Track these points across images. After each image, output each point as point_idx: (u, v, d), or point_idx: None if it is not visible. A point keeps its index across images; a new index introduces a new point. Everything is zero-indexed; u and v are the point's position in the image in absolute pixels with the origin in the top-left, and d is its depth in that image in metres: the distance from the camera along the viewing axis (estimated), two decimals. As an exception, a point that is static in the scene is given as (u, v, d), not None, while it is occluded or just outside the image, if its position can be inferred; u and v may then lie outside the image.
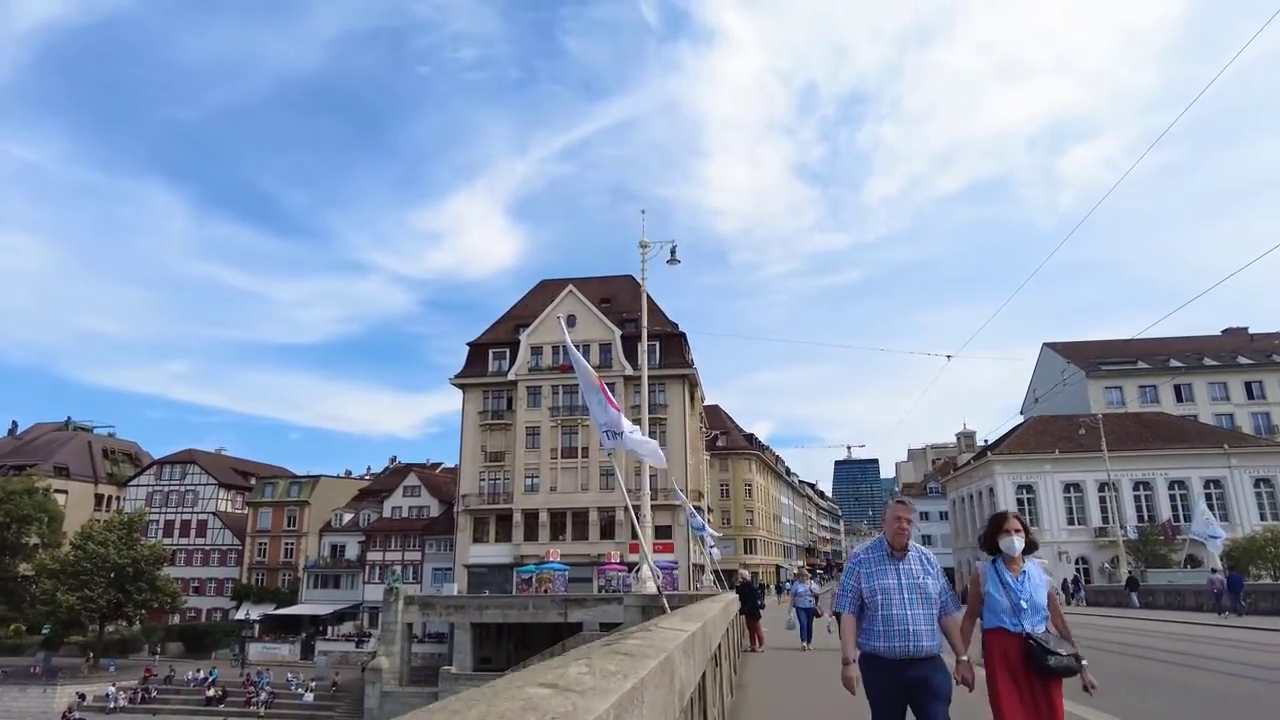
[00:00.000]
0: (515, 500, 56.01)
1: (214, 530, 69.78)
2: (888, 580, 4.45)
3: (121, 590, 50.23)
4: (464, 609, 44.19)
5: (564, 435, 57.08)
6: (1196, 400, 62.55)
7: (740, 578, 18.79)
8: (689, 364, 58.63)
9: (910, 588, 4.42)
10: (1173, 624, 24.84)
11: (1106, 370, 63.82)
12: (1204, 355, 64.30)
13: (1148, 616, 29.67)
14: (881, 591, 4.43)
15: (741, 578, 18.63)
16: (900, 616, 4.35)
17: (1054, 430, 55.45)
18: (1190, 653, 15.08)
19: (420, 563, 62.13)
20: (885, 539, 4.62)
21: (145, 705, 44.65)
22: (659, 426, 56.75)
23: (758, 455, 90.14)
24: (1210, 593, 30.48)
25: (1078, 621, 26.46)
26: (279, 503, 68.11)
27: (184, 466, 72.80)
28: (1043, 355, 72.55)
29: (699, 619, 4.24)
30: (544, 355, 58.63)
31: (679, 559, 53.50)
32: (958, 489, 64.42)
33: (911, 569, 4.49)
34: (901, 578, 4.45)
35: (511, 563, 54.06)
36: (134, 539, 52.85)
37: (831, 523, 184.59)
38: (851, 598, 4.58)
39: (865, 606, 4.50)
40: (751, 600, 17.26)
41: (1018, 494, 53.10)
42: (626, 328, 58.71)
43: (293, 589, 64.52)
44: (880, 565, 4.53)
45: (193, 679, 47.45)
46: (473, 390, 58.78)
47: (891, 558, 4.54)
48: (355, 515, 66.57)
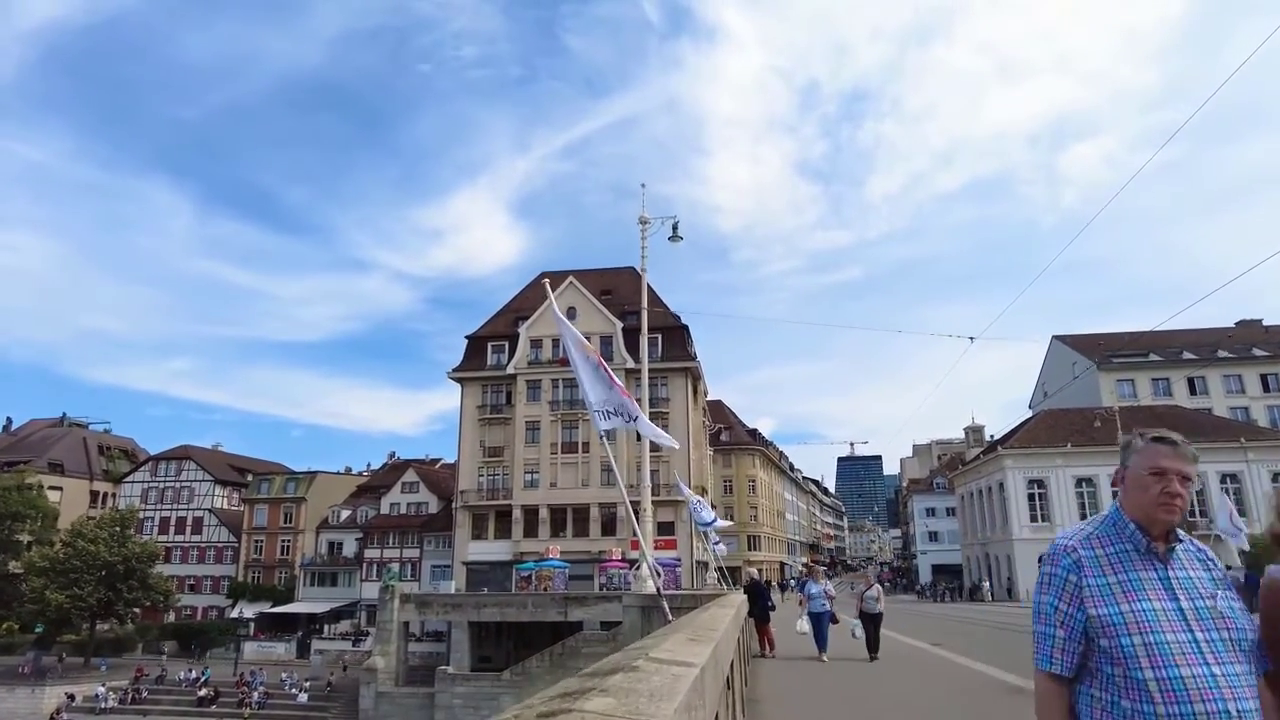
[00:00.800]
0: (515, 496, 54.90)
1: (210, 527, 68.76)
2: (1153, 601, 2.06)
3: (112, 589, 49.16)
4: (461, 607, 43.09)
5: (564, 430, 55.94)
6: (1211, 393, 61.21)
7: (748, 576, 17.67)
8: (691, 357, 57.45)
9: (1204, 616, 2.05)
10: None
11: (1118, 363, 62.49)
12: (1218, 348, 62.92)
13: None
14: (1143, 625, 2.03)
15: (749, 576, 17.50)
16: (1195, 680, 1.95)
17: (1065, 424, 54.27)
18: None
19: (419, 560, 61.08)
20: (1131, 519, 2.21)
21: (135, 706, 43.59)
22: (661, 420, 55.56)
23: (761, 450, 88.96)
24: None
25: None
26: (275, 499, 67.04)
27: (179, 463, 71.77)
28: (1052, 348, 71.26)
29: (708, 640, 3.04)
30: (544, 348, 57.47)
31: (682, 556, 52.32)
32: (966, 484, 63.19)
33: (1192, 578, 2.13)
34: (1179, 596, 2.08)
35: (511, 560, 52.96)
36: (125, 536, 51.76)
37: (835, 520, 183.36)
38: (1064, 641, 2.13)
39: (1103, 660, 2.07)
40: (761, 602, 16.17)
41: (1029, 489, 51.94)
42: (628, 320, 57.50)
43: (289, 587, 63.48)
44: (1130, 570, 2.13)
45: (185, 679, 46.39)
46: (471, 384, 57.64)
47: (1151, 554, 2.15)
48: (353, 512, 65.53)
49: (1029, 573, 50.55)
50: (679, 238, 19.37)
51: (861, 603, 15.10)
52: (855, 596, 16.33)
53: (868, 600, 15.00)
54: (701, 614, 7.85)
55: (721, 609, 8.74)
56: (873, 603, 14.91)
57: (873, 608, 14.86)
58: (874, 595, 15.08)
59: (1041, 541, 51.08)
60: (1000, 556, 53.91)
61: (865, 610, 14.87)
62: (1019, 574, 50.32)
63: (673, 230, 19.34)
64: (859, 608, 15.15)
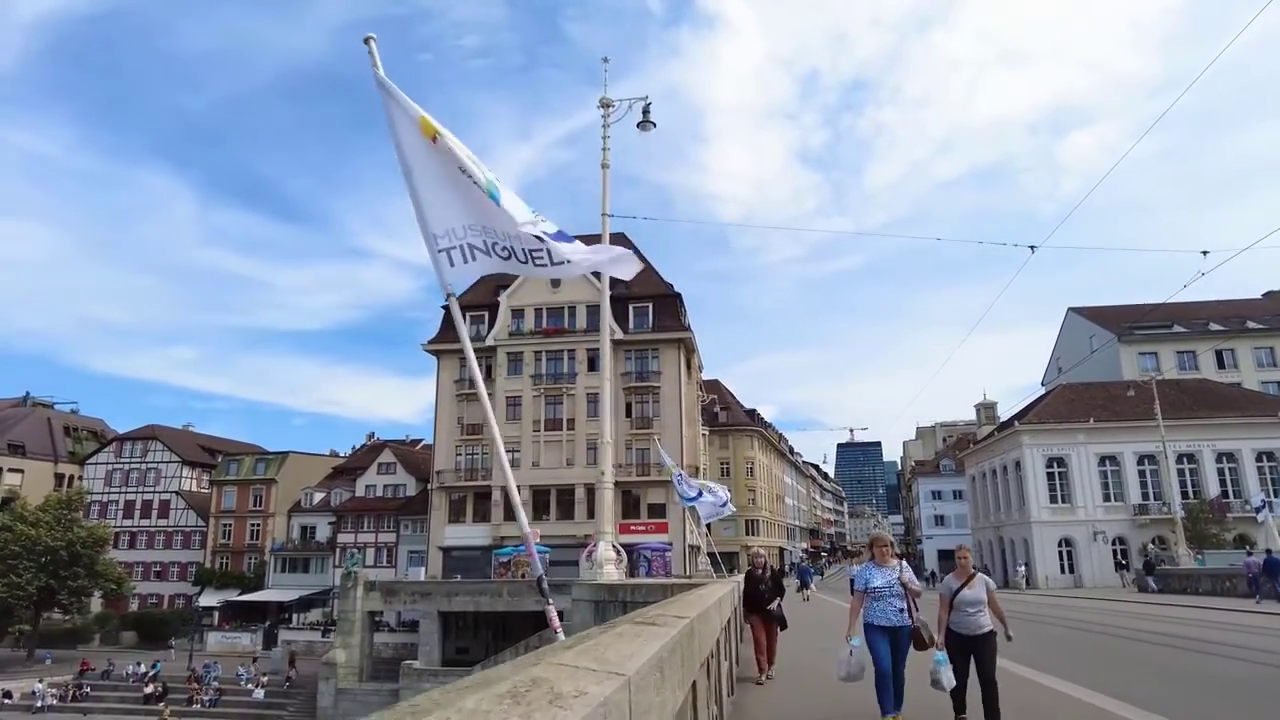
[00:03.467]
0: (494, 477, 51.07)
1: (177, 511, 65.05)
2: None
3: (55, 576, 45.35)
4: (430, 596, 39.44)
5: (547, 406, 52.09)
6: (1240, 366, 57.28)
7: (753, 560, 11.19)
8: (685, 327, 53.54)
9: None
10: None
11: (1140, 335, 58.52)
12: (1246, 319, 58.98)
13: (1177, 603, 26.97)
14: None
15: (755, 557, 11.32)
16: None
17: (1086, 398, 50.36)
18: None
19: (395, 545, 57.42)
20: None
21: (76, 704, 39.94)
22: (652, 394, 51.84)
23: (760, 432, 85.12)
24: (1245, 576, 28.56)
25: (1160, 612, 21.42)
26: (245, 481, 63.29)
27: (146, 443, 67.90)
28: (1068, 321, 67.27)
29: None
30: (525, 318, 53.54)
31: (674, 540, 48.75)
32: (977, 464, 59.38)
33: None
34: None
35: (490, 544, 49.25)
36: (72, 520, 47.89)
37: (835, 505, 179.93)
38: None
39: None
40: (778, 589, 10.74)
41: (1048, 467, 48.12)
42: (616, 288, 53.52)
43: (259, 574, 59.83)
44: None
45: (133, 673, 42.70)
46: (448, 357, 53.63)
47: None
48: (327, 495, 61.76)
49: (1049, 557, 46.89)
50: (650, 124, 15.26)
51: (950, 608, 7.08)
52: (942, 596, 7.33)
53: (963, 606, 7.01)
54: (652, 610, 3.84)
55: (691, 610, 4.72)
56: (974, 612, 6.98)
57: (973, 621, 6.97)
58: (974, 597, 7.01)
59: (1062, 524, 47.38)
60: (1016, 540, 50.18)
61: (958, 629, 7.02)
62: (1036, 558, 46.62)
63: (643, 115, 15.25)
64: (943, 620, 7.09)
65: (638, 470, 50.03)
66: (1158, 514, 44.58)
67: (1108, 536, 46.35)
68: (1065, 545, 47.29)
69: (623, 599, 11.97)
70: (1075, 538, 46.95)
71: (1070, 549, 47.15)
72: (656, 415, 51.21)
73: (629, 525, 49.81)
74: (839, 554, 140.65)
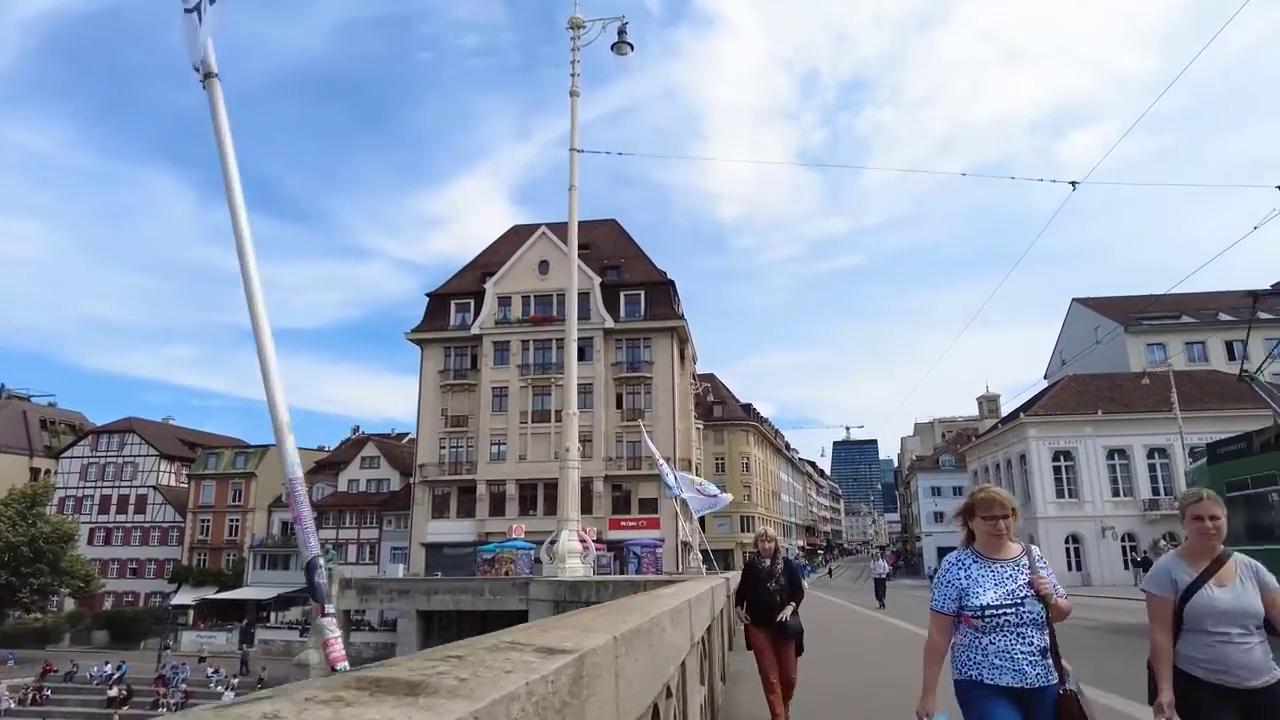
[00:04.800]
0: (479, 470, 49.22)
1: (154, 506, 63.04)
2: None
3: (16, 573, 43.33)
4: (409, 594, 37.37)
5: (535, 397, 50.14)
6: (1252, 358, 55.19)
7: (757, 544, 7.29)
8: (679, 315, 51.62)
9: None
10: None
11: (1148, 325, 56.69)
12: (1257, 309, 57.10)
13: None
14: None
15: (761, 540, 7.28)
16: None
17: (1093, 390, 48.64)
18: None
19: (378, 541, 55.55)
20: None
21: (36, 707, 37.92)
22: (644, 385, 49.93)
23: (756, 427, 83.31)
24: None
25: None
26: (223, 475, 61.27)
27: (122, 436, 65.88)
28: (1072, 312, 65.44)
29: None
30: (513, 306, 51.57)
31: (665, 535, 46.86)
32: (980, 458, 57.61)
33: None
34: None
35: (475, 540, 47.32)
36: (35, 515, 45.86)
37: (832, 502, 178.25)
38: None
39: None
40: (794, 590, 6.99)
41: (1054, 460, 46.35)
42: (608, 275, 51.73)
43: (238, 571, 57.85)
44: None
45: (98, 675, 40.69)
46: (432, 346, 51.72)
47: None
48: (308, 489, 59.71)
49: (1056, 553, 45.01)
50: (627, 45, 13.29)
51: (1180, 625, 3.60)
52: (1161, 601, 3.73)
53: (1210, 621, 3.50)
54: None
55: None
56: (1239, 637, 3.46)
57: (1240, 658, 3.44)
58: (1236, 604, 3.49)
59: (1069, 519, 45.58)
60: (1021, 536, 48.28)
61: (1209, 672, 3.45)
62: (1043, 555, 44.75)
63: (618, 36, 13.29)
64: (1164, 651, 3.62)
65: (629, 464, 48.17)
66: (1169, 509, 42.77)
67: (1116, 532, 44.59)
68: (1072, 542, 45.52)
69: (586, 598, 10.09)
70: (1083, 534, 45.19)
71: (1078, 545, 45.38)
72: (648, 406, 49.31)
73: (619, 521, 48.00)
74: (835, 552, 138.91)
